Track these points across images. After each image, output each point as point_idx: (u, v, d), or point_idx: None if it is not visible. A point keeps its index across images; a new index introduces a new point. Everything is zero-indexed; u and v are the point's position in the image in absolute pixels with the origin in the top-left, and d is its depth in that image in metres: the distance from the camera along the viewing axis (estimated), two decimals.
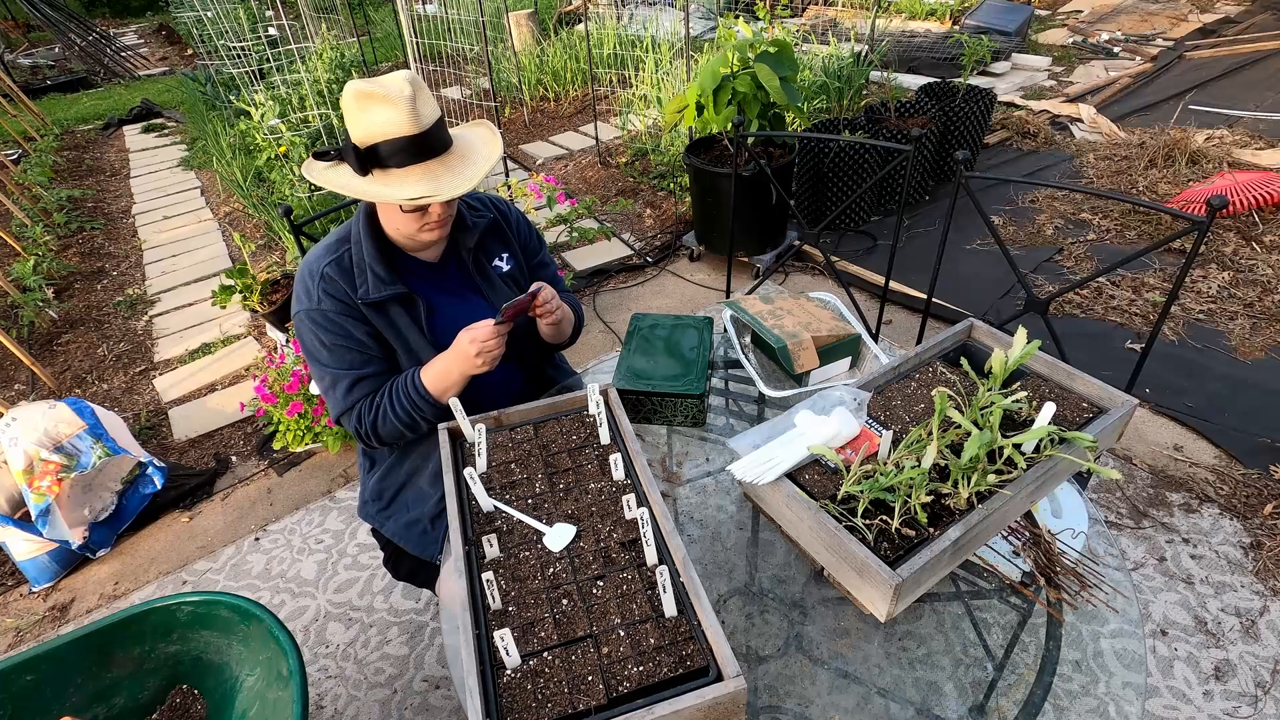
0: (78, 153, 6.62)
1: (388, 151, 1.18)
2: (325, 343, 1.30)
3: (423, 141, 1.18)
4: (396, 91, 1.15)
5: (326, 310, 1.29)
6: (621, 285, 3.63)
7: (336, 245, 1.33)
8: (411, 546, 1.45)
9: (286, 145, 3.82)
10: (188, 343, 3.49)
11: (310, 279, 1.31)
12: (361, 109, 1.17)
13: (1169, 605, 1.92)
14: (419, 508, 1.44)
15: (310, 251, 1.36)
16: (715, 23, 5.52)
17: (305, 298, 1.31)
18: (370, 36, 8.55)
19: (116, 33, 12.49)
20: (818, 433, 1.12)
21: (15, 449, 2.21)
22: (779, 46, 3.03)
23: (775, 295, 1.68)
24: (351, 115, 1.19)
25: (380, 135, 1.17)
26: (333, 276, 1.30)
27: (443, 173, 1.22)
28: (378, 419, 1.32)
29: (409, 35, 4.65)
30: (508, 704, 0.84)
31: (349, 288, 1.30)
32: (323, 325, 1.29)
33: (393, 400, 1.31)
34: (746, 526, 1.35)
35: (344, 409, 1.33)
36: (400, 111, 1.15)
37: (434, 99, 1.23)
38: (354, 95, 1.17)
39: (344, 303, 1.30)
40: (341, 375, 1.31)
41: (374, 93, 1.15)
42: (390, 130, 1.17)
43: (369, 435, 1.35)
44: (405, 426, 1.33)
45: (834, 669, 1.08)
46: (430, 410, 1.31)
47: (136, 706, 1.42)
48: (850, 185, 3.62)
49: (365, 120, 1.17)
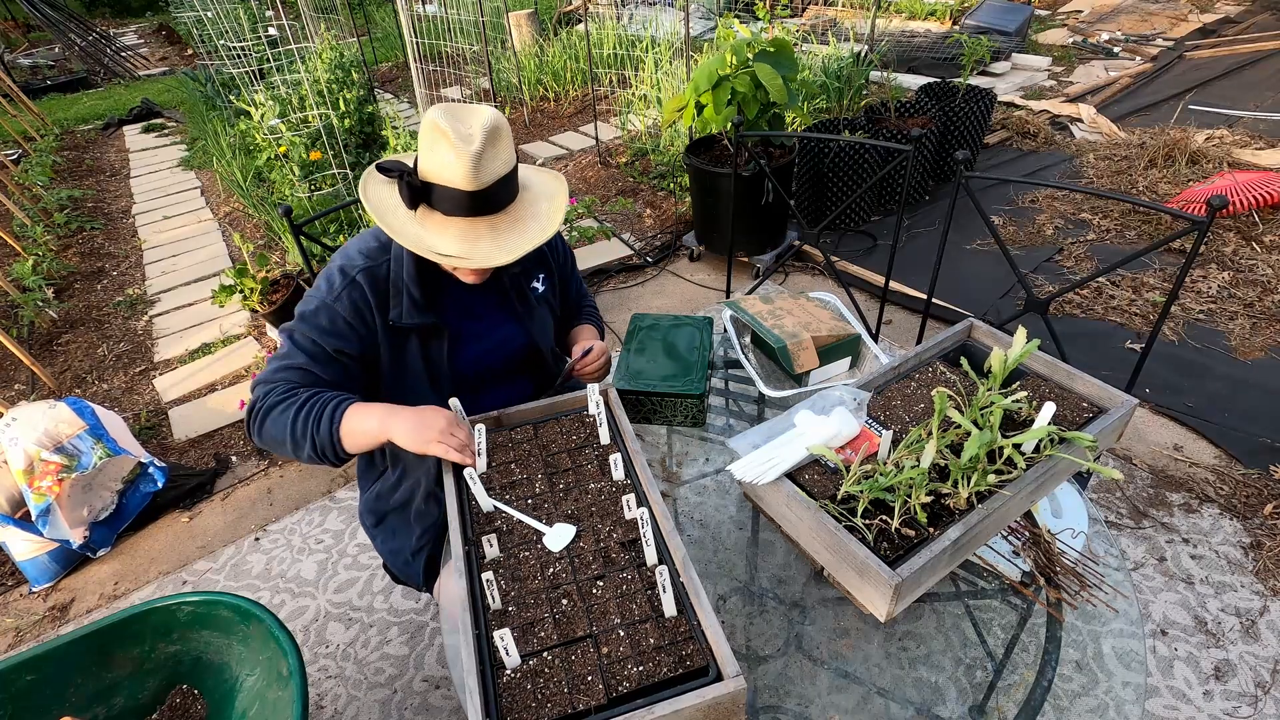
0: (78, 153, 6.62)
1: (440, 196, 1.12)
2: (310, 324, 1.23)
3: (477, 199, 1.12)
4: (466, 139, 1.08)
5: (337, 310, 1.22)
6: (621, 285, 3.63)
7: (376, 253, 1.26)
8: (396, 570, 1.49)
9: (286, 145, 3.82)
10: (188, 343, 3.49)
11: (341, 277, 1.23)
12: (431, 142, 1.11)
13: (1169, 605, 1.92)
14: (403, 538, 1.44)
15: (349, 245, 1.28)
16: (715, 23, 5.52)
17: (326, 289, 1.23)
18: (370, 36, 8.56)
19: (116, 33, 12.50)
20: (818, 433, 1.12)
21: (15, 449, 2.21)
22: (778, 46, 3.03)
23: (775, 295, 1.68)
24: (422, 143, 1.13)
25: (438, 178, 1.11)
26: (364, 287, 1.23)
27: (486, 235, 1.15)
28: (277, 407, 1.18)
29: (409, 35, 4.65)
30: (508, 704, 0.84)
31: (377, 304, 1.23)
32: (322, 316, 1.22)
33: (306, 406, 1.17)
34: (746, 526, 1.35)
35: (266, 378, 1.22)
36: (462, 164, 1.08)
37: (510, 147, 1.15)
38: (429, 126, 1.10)
39: (360, 314, 1.23)
40: (295, 353, 1.22)
41: (445, 132, 1.08)
42: (449, 178, 1.10)
43: (256, 418, 1.20)
44: (291, 440, 1.17)
45: (834, 669, 1.08)
46: (324, 442, 1.16)
47: (136, 706, 1.42)
48: (850, 185, 3.62)
49: (430, 155, 1.11)
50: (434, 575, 1.45)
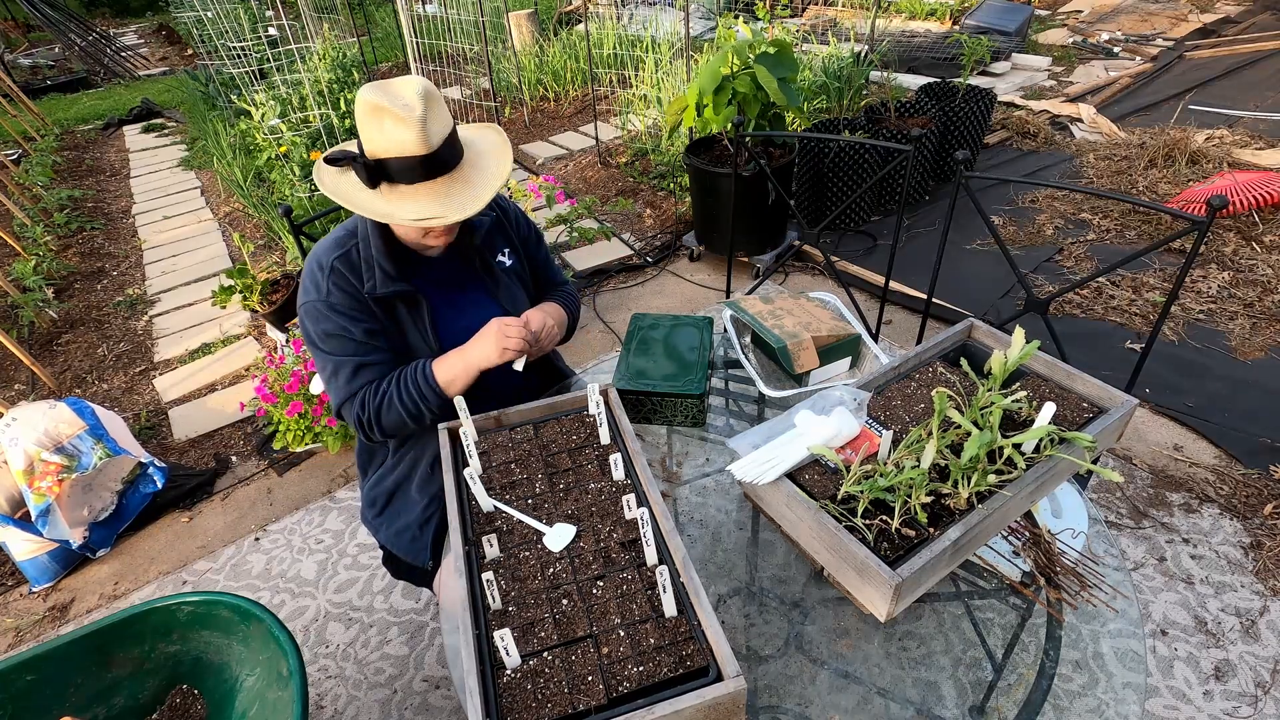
0: (78, 153, 6.62)
1: (397, 168, 1.17)
2: (330, 332, 1.30)
3: (433, 160, 1.18)
4: (408, 108, 1.13)
5: (335, 302, 1.29)
6: (621, 285, 3.63)
7: (344, 239, 1.33)
8: (401, 552, 1.47)
9: (287, 145, 3.82)
10: (188, 343, 3.49)
11: (320, 272, 1.30)
12: (373, 121, 1.16)
13: (1169, 605, 1.92)
14: (408, 514, 1.45)
15: (318, 245, 1.36)
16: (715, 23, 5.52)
17: (314, 289, 1.30)
18: (370, 36, 8.55)
19: (116, 33, 12.50)
20: (818, 433, 1.12)
21: (15, 449, 2.21)
22: (778, 46, 3.03)
23: (775, 295, 1.69)
24: (363, 125, 1.18)
25: (390, 152, 1.16)
26: (342, 270, 1.30)
27: (453, 191, 1.21)
28: (382, 405, 1.31)
29: (409, 35, 4.65)
30: (508, 704, 0.84)
31: (357, 282, 1.30)
32: (329, 316, 1.29)
33: (400, 387, 1.30)
34: (746, 526, 1.35)
35: (346, 396, 1.32)
36: (411, 130, 1.13)
37: (445, 108, 1.22)
38: (366, 107, 1.15)
39: (352, 296, 1.30)
40: (344, 362, 1.31)
41: (385, 107, 1.13)
42: (400, 148, 1.15)
43: (370, 424, 1.33)
44: (410, 416, 1.31)
45: (834, 669, 1.08)
46: (436, 401, 1.30)
47: (136, 706, 1.42)
48: (850, 185, 3.62)
49: (376, 134, 1.16)
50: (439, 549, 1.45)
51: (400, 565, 1.56)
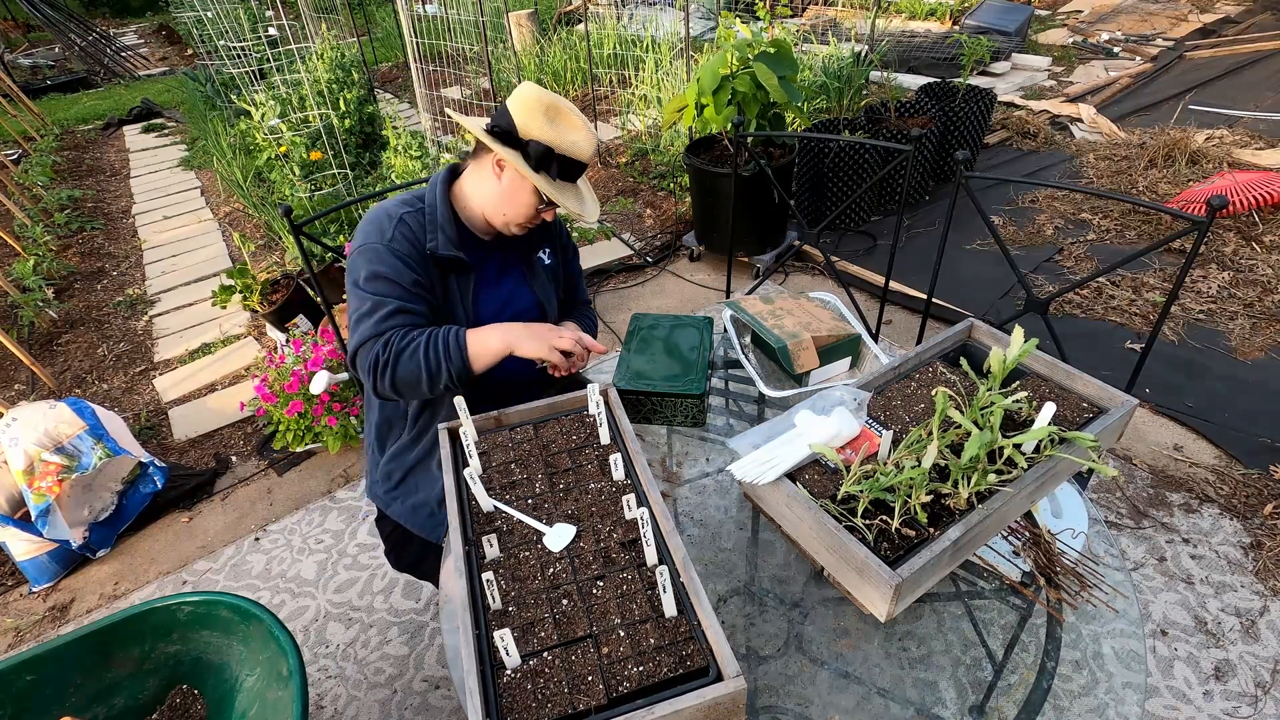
0: (78, 153, 6.62)
1: (562, 165, 1.34)
2: (381, 274, 1.31)
3: (582, 168, 1.39)
4: (583, 122, 1.35)
5: (397, 248, 1.33)
6: (621, 285, 3.63)
7: (412, 201, 1.42)
8: (416, 528, 1.47)
9: (286, 145, 3.82)
10: (188, 343, 3.49)
11: (388, 220, 1.36)
12: (545, 116, 1.32)
13: (1169, 605, 1.92)
14: (427, 490, 1.46)
15: (384, 201, 1.43)
16: (715, 23, 5.52)
17: (377, 233, 1.34)
18: (370, 36, 8.56)
19: (116, 33, 12.50)
20: (818, 433, 1.12)
21: (15, 449, 2.20)
22: (778, 46, 3.03)
23: (775, 295, 1.68)
24: (535, 117, 1.31)
25: (564, 149, 1.33)
26: (409, 223, 1.37)
27: (585, 196, 1.44)
28: (405, 351, 1.27)
29: (409, 35, 4.65)
30: (508, 704, 0.84)
31: (423, 236, 1.37)
32: (386, 259, 1.32)
33: (430, 340, 1.28)
34: (746, 526, 1.35)
35: (374, 333, 1.28)
36: (588, 143, 1.35)
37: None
38: (538, 103, 1.32)
39: (414, 246, 1.35)
40: (385, 302, 1.30)
41: (563, 110, 1.33)
42: (574, 151, 1.34)
43: (386, 366, 1.28)
44: (427, 374, 1.28)
45: (834, 669, 1.08)
46: (460, 365, 1.29)
47: (136, 706, 1.42)
48: (850, 185, 3.62)
49: (552, 130, 1.32)
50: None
51: (404, 557, 1.57)
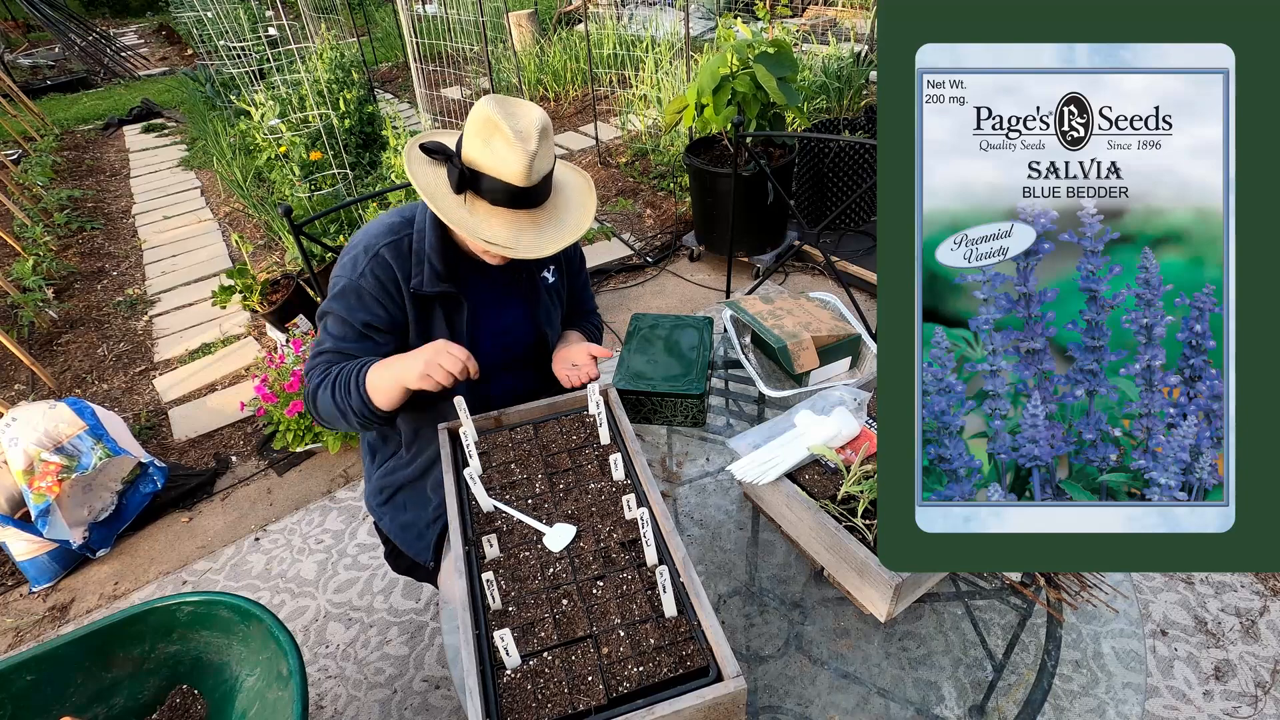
0: (78, 153, 6.62)
1: (489, 187, 1.18)
2: (333, 310, 1.29)
3: (524, 194, 1.19)
4: (522, 137, 1.14)
5: (364, 287, 1.27)
6: (621, 285, 3.63)
7: (399, 227, 1.31)
8: (405, 546, 1.46)
9: (286, 145, 3.82)
10: (188, 343, 3.49)
11: (365, 254, 1.28)
12: (484, 136, 1.15)
13: (1169, 605, 1.92)
14: (416, 510, 1.44)
15: (371, 224, 1.34)
16: (715, 23, 5.52)
17: (350, 268, 1.28)
18: (370, 36, 8.56)
19: (116, 33, 12.50)
20: (818, 433, 1.12)
21: (15, 449, 2.20)
22: (778, 46, 3.03)
23: (775, 295, 1.69)
24: (471, 133, 1.17)
25: (490, 169, 1.17)
26: (388, 260, 1.28)
27: (529, 228, 1.22)
28: (319, 389, 1.26)
29: (409, 35, 4.65)
30: (508, 704, 0.84)
31: (401, 275, 1.28)
32: (346, 295, 1.28)
33: (338, 376, 1.25)
34: (746, 526, 1.35)
35: (309, 366, 1.31)
36: (519, 161, 1.14)
37: (553, 147, 1.22)
38: (483, 119, 1.15)
39: (385, 286, 1.28)
40: (324, 339, 1.30)
41: (500, 127, 1.13)
42: (501, 171, 1.16)
43: (310, 403, 1.30)
44: (340, 413, 1.26)
45: (834, 669, 1.08)
46: (359, 403, 1.23)
47: (136, 706, 1.42)
48: (850, 185, 3.62)
49: (481, 146, 1.16)
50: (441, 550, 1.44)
51: (402, 560, 1.56)
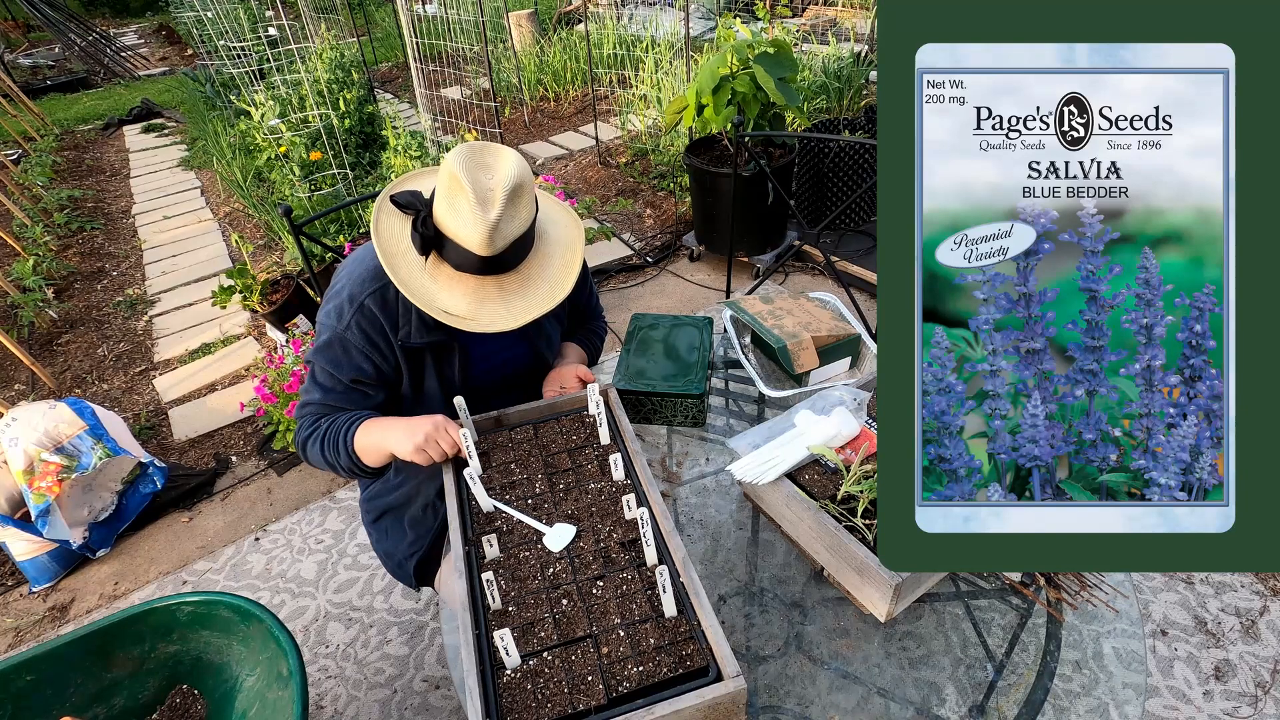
0: (78, 153, 6.62)
1: (451, 249, 1.10)
2: (321, 365, 1.25)
3: (489, 263, 1.10)
4: (484, 205, 1.04)
5: (349, 339, 1.21)
6: (621, 285, 3.63)
7: (383, 273, 1.19)
8: (389, 570, 1.51)
9: (286, 145, 3.82)
10: (188, 343, 3.49)
11: (349, 304, 1.21)
12: (450, 196, 1.07)
13: (1169, 605, 1.92)
14: (395, 541, 1.45)
15: (354, 268, 1.25)
16: (715, 23, 5.52)
17: (336, 318, 1.22)
18: (370, 36, 8.56)
19: (116, 33, 12.50)
20: (818, 433, 1.12)
21: (15, 449, 2.20)
22: (778, 46, 3.03)
23: (775, 295, 1.69)
24: (441, 188, 1.09)
25: (452, 234, 1.09)
26: (373, 311, 1.21)
27: (494, 296, 1.13)
28: (308, 439, 1.26)
29: (409, 35, 4.65)
30: (508, 704, 0.84)
31: (388, 325, 1.22)
32: (333, 348, 1.23)
33: (326, 435, 1.24)
34: (746, 526, 1.35)
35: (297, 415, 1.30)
36: (478, 230, 1.05)
37: (530, 202, 1.11)
38: (448, 175, 1.06)
39: (370, 339, 1.22)
40: (313, 390, 1.28)
41: (464, 190, 1.04)
42: (462, 237, 1.07)
43: (299, 447, 1.30)
44: (329, 466, 1.26)
45: (834, 669, 1.08)
46: (347, 463, 1.23)
47: (136, 706, 1.42)
48: (850, 185, 3.62)
49: (446, 207, 1.08)
50: (425, 579, 1.47)
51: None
